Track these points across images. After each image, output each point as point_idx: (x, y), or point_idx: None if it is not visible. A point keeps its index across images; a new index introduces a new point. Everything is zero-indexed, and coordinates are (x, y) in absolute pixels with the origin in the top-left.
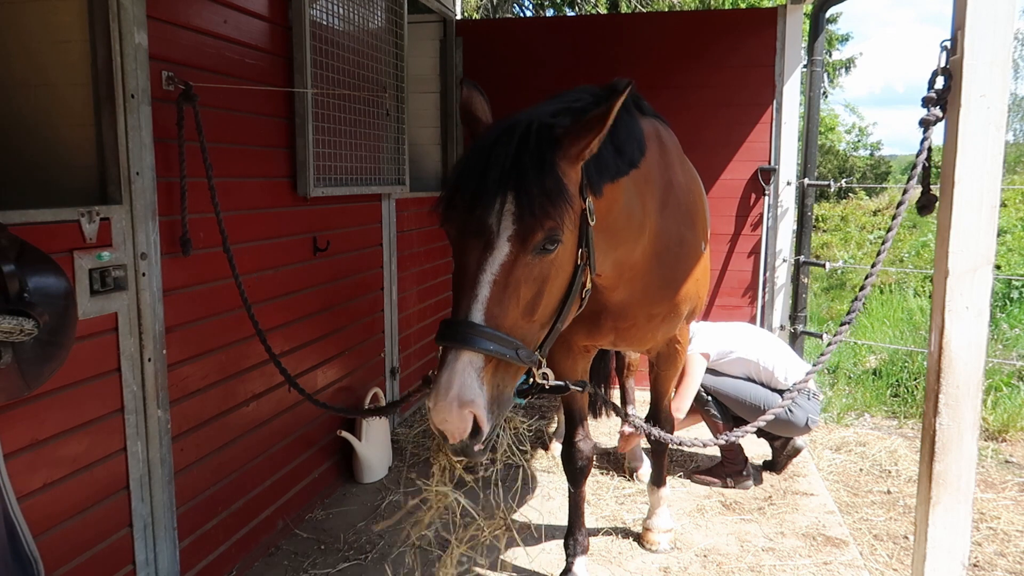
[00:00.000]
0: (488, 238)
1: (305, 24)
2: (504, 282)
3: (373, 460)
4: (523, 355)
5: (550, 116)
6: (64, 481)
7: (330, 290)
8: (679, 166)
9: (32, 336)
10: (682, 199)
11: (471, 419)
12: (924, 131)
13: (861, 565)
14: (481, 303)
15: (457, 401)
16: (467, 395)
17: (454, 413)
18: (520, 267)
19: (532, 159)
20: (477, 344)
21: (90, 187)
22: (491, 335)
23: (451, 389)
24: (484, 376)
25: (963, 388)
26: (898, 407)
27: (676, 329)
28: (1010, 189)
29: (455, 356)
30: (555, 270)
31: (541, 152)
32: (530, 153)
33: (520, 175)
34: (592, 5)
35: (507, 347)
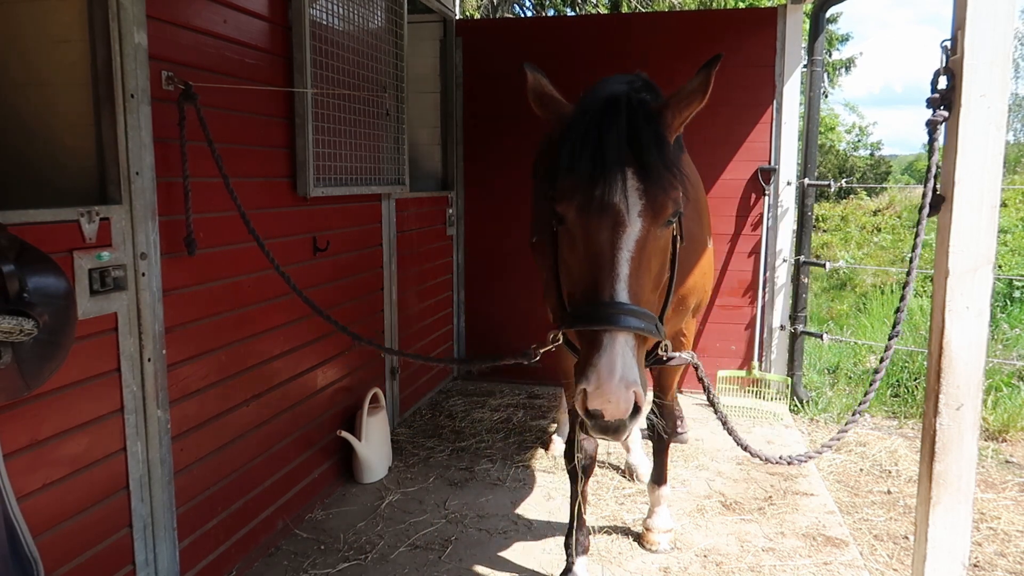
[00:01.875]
0: (617, 215)
1: (305, 24)
2: (639, 258)
3: (373, 460)
4: (660, 329)
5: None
6: (64, 481)
7: (330, 290)
8: (687, 163)
9: (32, 336)
10: (690, 195)
11: (633, 398)
12: (931, 133)
13: (861, 565)
14: (624, 281)
15: (624, 383)
16: (631, 376)
17: (621, 395)
18: (651, 241)
19: (648, 134)
20: (629, 323)
21: (90, 187)
22: (638, 313)
23: (615, 371)
24: (638, 355)
25: (963, 388)
26: (898, 407)
27: (683, 323)
28: (1010, 189)
29: (612, 338)
30: (671, 240)
31: (653, 126)
32: (644, 128)
33: (640, 150)
34: (592, 5)
35: (650, 323)
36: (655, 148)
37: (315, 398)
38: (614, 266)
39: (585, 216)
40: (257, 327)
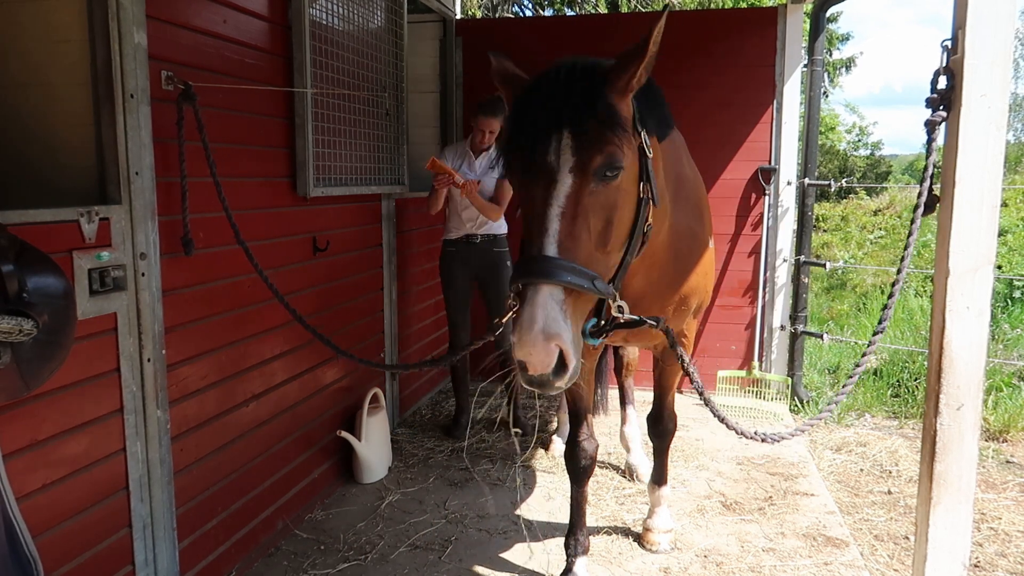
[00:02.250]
0: (550, 174)
1: (305, 24)
2: (572, 213)
3: (373, 460)
4: (600, 286)
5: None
6: (63, 481)
7: (330, 290)
8: (687, 161)
9: (31, 336)
10: (691, 194)
11: (557, 352)
12: (930, 133)
13: (862, 565)
14: (553, 236)
15: (543, 335)
16: (553, 328)
17: (539, 347)
18: (586, 196)
19: (582, 93)
20: (555, 276)
21: (89, 187)
22: (567, 267)
23: (535, 323)
24: (567, 309)
25: (964, 388)
26: (899, 407)
27: (684, 324)
28: (1010, 189)
29: (535, 290)
30: (621, 198)
31: (590, 85)
32: (580, 88)
33: (573, 109)
34: (592, 5)
35: (584, 278)
36: (588, 105)
37: (315, 398)
38: (543, 222)
39: (523, 179)
40: (257, 327)
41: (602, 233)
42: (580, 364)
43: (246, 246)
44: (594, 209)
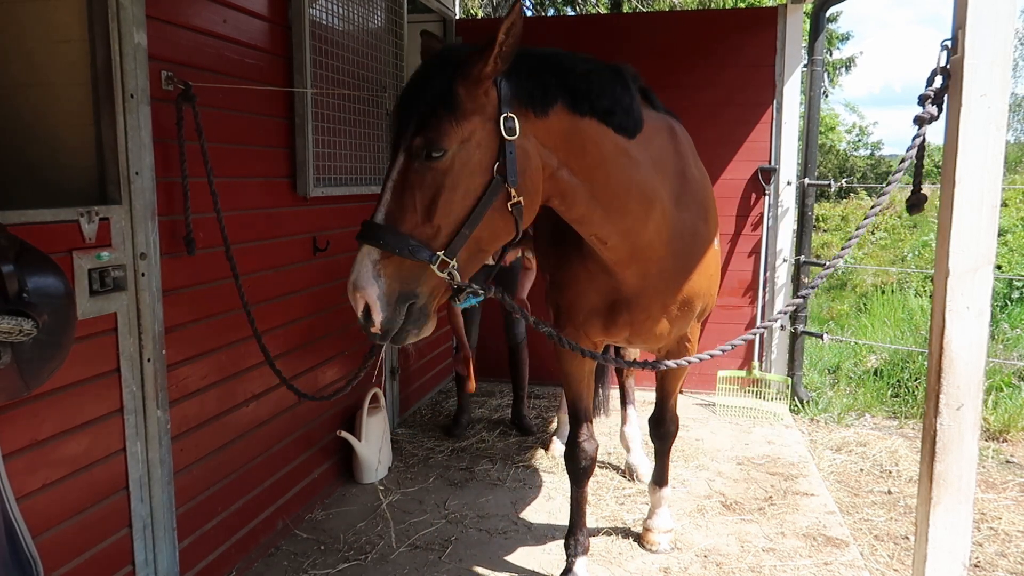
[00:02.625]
0: (394, 152)
1: (305, 24)
2: (400, 187)
3: (373, 460)
4: (417, 252)
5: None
6: (63, 481)
7: (330, 290)
8: (693, 162)
9: (31, 336)
10: (696, 193)
11: (363, 303)
12: (919, 128)
13: (862, 565)
14: (383, 206)
15: (352, 286)
16: (360, 282)
17: (350, 294)
18: (411, 174)
19: (425, 79)
20: (372, 239)
21: (89, 187)
22: (387, 232)
23: (351, 275)
24: (380, 269)
25: (964, 388)
26: (899, 407)
27: (688, 327)
28: (1010, 189)
29: (359, 249)
30: (451, 179)
31: (435, 72)
32: (426, 74)
33: (415, 95)
34: (592, 5)
35: (399, 244)
36: (426, 91)
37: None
38: (381, 193)
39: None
40: (257, 327)
41: (428, 208)
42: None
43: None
44: (420, 186)
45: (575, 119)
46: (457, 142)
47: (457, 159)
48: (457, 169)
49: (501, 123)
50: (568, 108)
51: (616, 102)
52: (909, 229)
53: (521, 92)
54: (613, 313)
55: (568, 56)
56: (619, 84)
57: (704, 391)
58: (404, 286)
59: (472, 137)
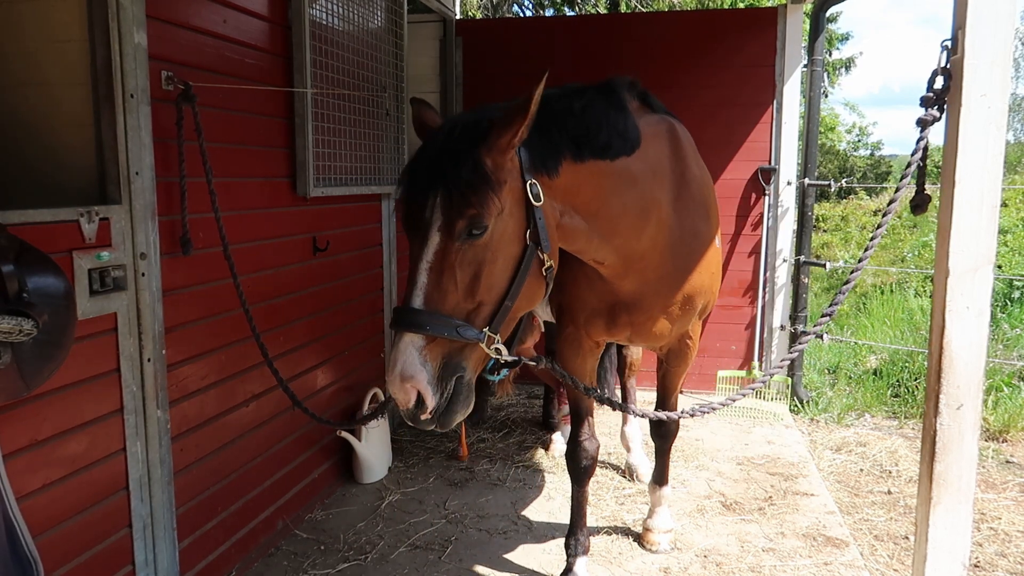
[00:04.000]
0: (423, 230)
1: (305, 24)
2: (439, 268)
3: (373, 460)
4: (464, 332)
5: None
6: (63, 481)
7: (330, 290)
8: (694, 161)
9: (31, 336)
10: (696, 193)
11: (414, 393)
12: (921, 130)
13: (861, 565)
14: (420, 289)
15: (400, 377)
16: (408, 371)
17: (397, 386)
18: (451, 254)
19: (452, 153)
20: (415, 327)
21: (89, 187)
22: (429, 317)
23: (396, 368)
24: (427, 354)
25: (963, 388)
26: (898, 407)
27: (689, 324)
28: (1010, 189)
29: (399, 338)
30: (491, 253)
31: (461, 145)
32: (451, 148)
33: (443, 170)
34: (592, 5)
35: (445, 327)
36: (457, 167)
37: (315, 398)
38: (414, 275)
39: (406, 232)
40: (257, 327)
41: (470, 286)
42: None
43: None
44: (461, 265)
45: (578, 167)
46: (495, 216)
47: (495, 232)
48: (495, 242)
49: (528, 190)
50: (572, 159)
51: (612, 132)
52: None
53: (536, 156)
54: (614, 314)
55: (561, 97)
56: (613, 108)
57: (704, 391)
58: (450, 365)
59: (506, 208)
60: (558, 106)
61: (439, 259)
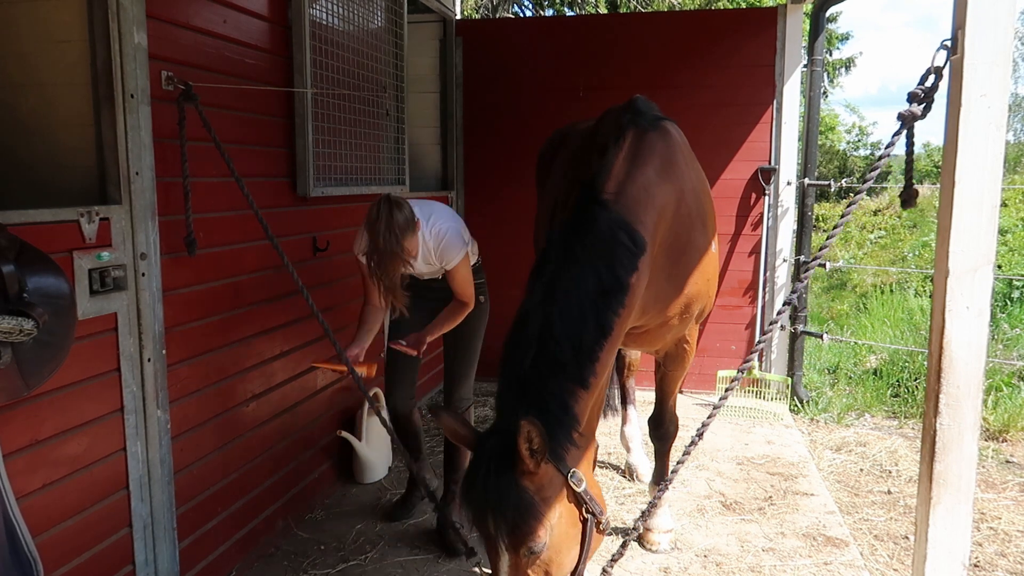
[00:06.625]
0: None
1: (305, 24)
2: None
3: (373, 460)
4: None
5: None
6: (64, 481)
7: (330, 290)
8: (688, 170)
9: (31, 336)
10: (692, 203)
11: None
12: (902, 125)
13: (861, 565)
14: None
15: None
16: None
17: None
18: (522, 567)
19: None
20: None
21: (89, 187)
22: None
23: None
24: None
25: (963, 388)
26: (898, 407)
27: (687, 328)
28: (1010, 189)
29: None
30: (555, 552)
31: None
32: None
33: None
34: (592, 5)
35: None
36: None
37: (315, 398)
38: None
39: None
40: (257, 327)
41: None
42: None
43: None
44: (534, 570)
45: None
46: (548, 529)
47: (555, 537)
48: (557, 543)
49: (571, 484)
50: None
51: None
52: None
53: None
54: None
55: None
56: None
57: (704, 391)
58: None
59: (557, 512)
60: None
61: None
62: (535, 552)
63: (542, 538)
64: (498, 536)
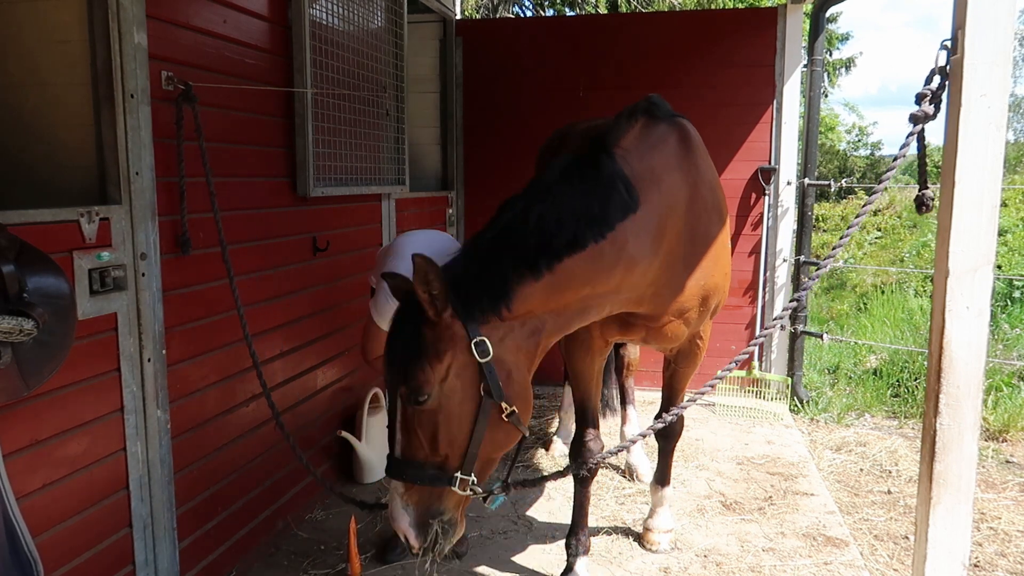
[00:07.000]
0: (393, 392)
1: (305, 24)
2: (406, 427)
3: (373, 460)
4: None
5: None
6: (64, 481)
7: (330, 290)
8: (704, 164)
9: (31, 336)
10: (708, 196)
11: (402, 533)
12: (913, 125)
13: (861, 565)
14: (398, 443)
15: (391, 518)
16: (394, 515)
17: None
18: (409, 416)
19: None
20: (397, 475)
21: (90, 187)
22: (406, 466)
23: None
24: (408, 499)
25: (963, 388)
26: (898, 407)
27: (702, 324)
28: (1010, 189)
29: (390, 483)
30: (443, 415)
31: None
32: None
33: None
34: (592, 5)
35: (419, 475)
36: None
37: (315, 398)
38: (393, 429)
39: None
40: (257, 327)
41: (431, 442)
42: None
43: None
44: (420, 425)
45: (543, 279)
46: (437, 383)
47: (442, 397)
48: (445, 405)
49: (473, 349)
50: (532, 278)
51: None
52: (909, 229)
53: (479, 308)
54: (629, 320)
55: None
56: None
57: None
58: (431, 508)
59: (449, 372)
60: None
61: (404, 420)
62: (419, 404)
63: (425, 390)
64: (390, 375)
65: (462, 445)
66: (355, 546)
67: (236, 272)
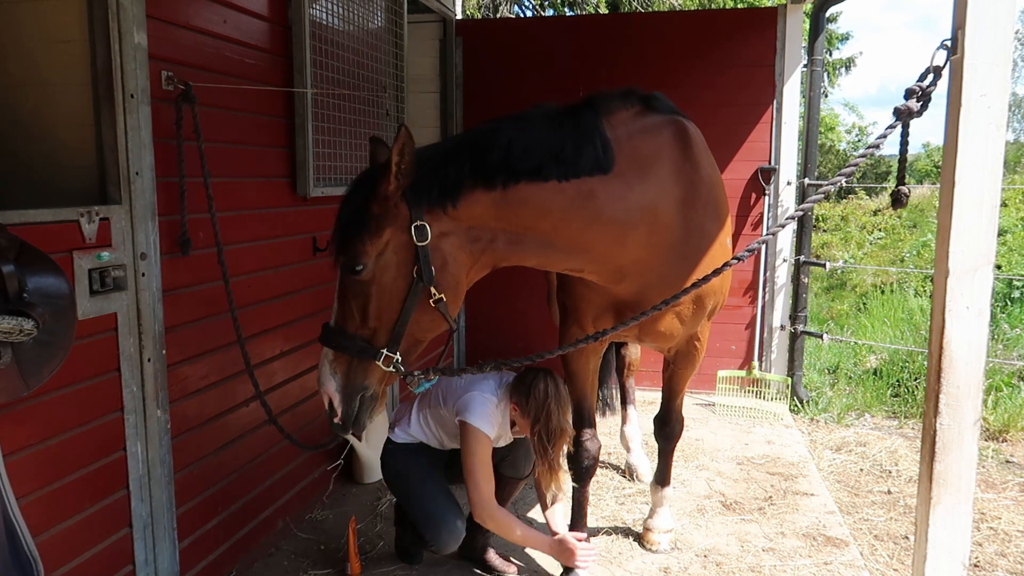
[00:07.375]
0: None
1: (305, 24)
2: (343, 296)
3: (373, 460)
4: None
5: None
6: (63, 481)
7: (330, 290)
8: (705, 161)
9: (31, 336)
10: (706, 194)
11: (327, 398)
12: (896, 119)
13: (861, 565)
14: (335, 312)
15: (318, 383)
16: (321, 380)
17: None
18: (345, 285)
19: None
20: (328, 342)
21: (90, 187)
22: (338, 334)
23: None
24: (336, 367)
25: (963, 388)
26: (898, 407)
27: (699, 324)
28: (1010, 189)
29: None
30: (376, 288)
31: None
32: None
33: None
34: (592, 6)
35: (348, 345)
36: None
37: (315, 398)
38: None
39: None
40: (257, 327)
41: (363, 313)
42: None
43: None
44: (353, 296)
45: (496, 194)
46: (373, 256)
47: (377, 270)
48: (379, 279)
49: (412, 231)
50: (484, 188)
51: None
52: (909, 229)
53: (427, 196)
54: (621, 313)
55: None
56: (564, 131)
57: (704, 391)
58: (357, 380)
59: (387, 249)
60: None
61: (342, 289)
62: (355, 274)
63: (361, 260)
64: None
65: (390, 320)
66: (355, 546)
67: (236, 272)
